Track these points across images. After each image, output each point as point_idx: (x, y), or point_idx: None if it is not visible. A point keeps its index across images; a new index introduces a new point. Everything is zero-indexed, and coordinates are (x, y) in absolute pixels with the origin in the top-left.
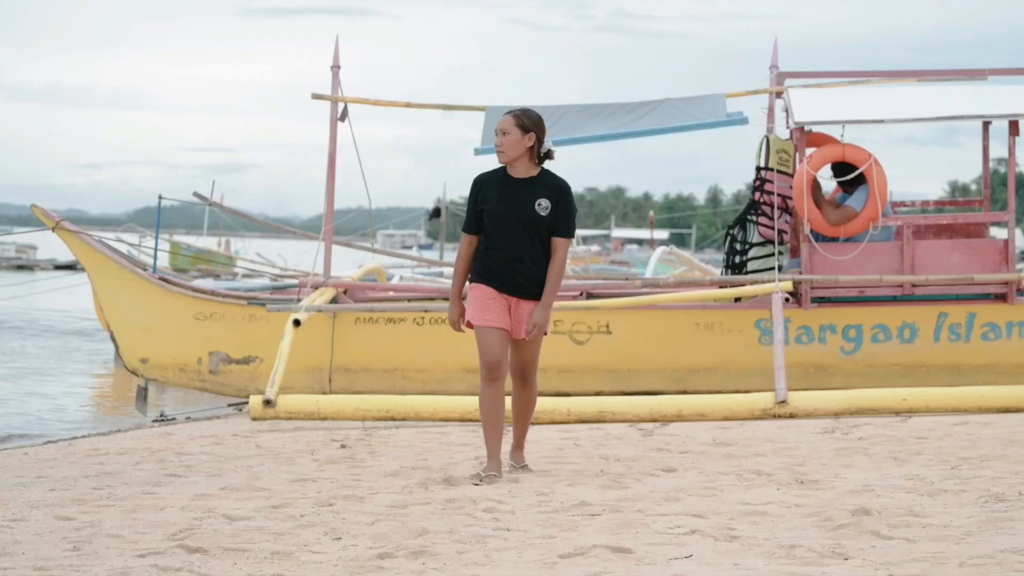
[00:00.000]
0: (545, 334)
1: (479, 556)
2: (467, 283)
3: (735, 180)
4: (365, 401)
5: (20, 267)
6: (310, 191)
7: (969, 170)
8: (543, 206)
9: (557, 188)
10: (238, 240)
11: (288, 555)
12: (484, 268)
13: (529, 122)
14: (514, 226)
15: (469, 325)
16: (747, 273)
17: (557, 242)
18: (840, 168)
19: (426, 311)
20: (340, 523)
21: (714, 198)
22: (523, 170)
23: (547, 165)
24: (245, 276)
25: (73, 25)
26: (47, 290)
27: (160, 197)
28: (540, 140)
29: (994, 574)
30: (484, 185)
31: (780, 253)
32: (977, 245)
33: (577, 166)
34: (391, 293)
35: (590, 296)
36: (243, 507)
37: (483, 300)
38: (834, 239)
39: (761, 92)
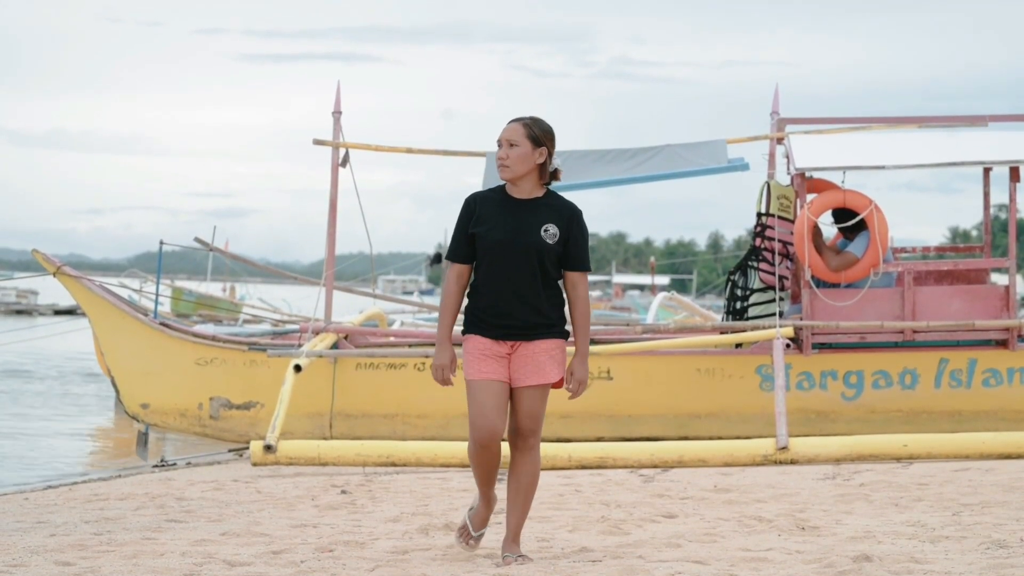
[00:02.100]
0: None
1: None
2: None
3: (736, 226)
4: (366, 447)
5: (19, 312)
6: (311, 236)
7: (970, 216)
8: (550, 232)
9: (568, 213)
10: (242, 286)
11: None
12: (478, 310)
13: (541, 133)
14: (516, 255)
15: (467, 381)
16: (748, 319)
17: (575, 277)
18: (841, 214)
19: (427, 356)
20: (340, 569)
21: (715, 244)
22: (527, 190)
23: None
24: (246, 321)
25: (74, 70)
26: (48, 335)
27: (161, 242)
28: (550, 156)
29: None
30: (479, 205)
31: (781, 299)
32: (978, 291)
33: None
34: (392, 339)
35: (591, 342)
36: (243, 553)
37: (477, 353)
38: (835, 285)
39: (762, 138)
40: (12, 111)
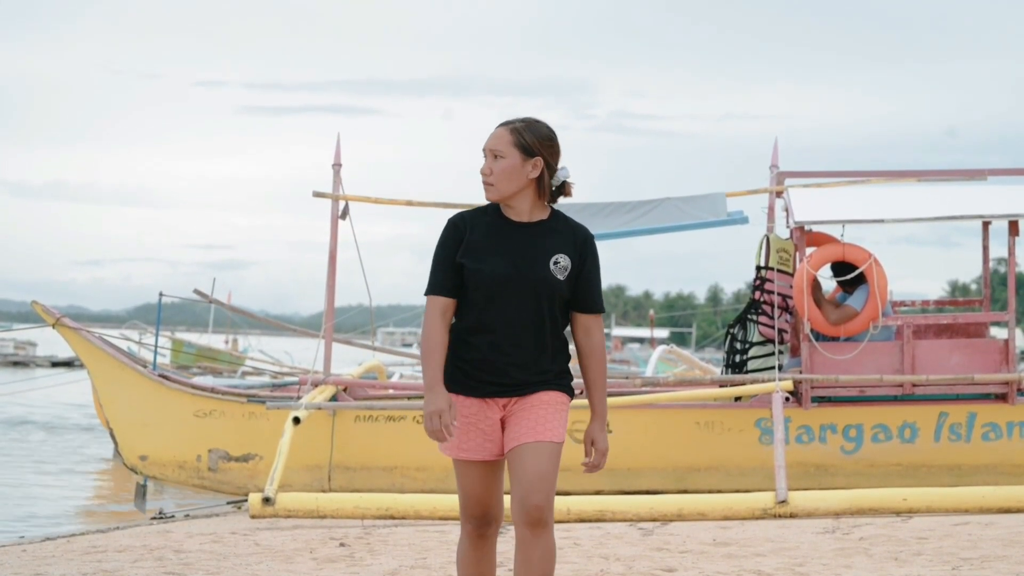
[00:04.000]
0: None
1: None
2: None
3: (735, 279)
4: (364, 499)
5: (17, 364)
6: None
7: (969, 270)
8: (561, 265)
9: (581, 241)
10: (243, 338)
11: None
12: (462, 362)
13: (533, 140)
14: (517, 294)
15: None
16: (747, 372)
17: (588, 322)
18: (840, 267)
19: (416, 408)
20: None
21: (714, 297)
22: (526, 210)
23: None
24: (246, 373)
25: (74, 121)
26: (46, 386)
27: (161, 294)
28: (551, 168)
29: None
30: (468, 228)
31: (780, 352)
32: (977, 345)
33: None
34: (391, 391)
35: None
36: None
37: (460, 420)
38: (834, 338)
39: (761, 192)
40: (11, 162)
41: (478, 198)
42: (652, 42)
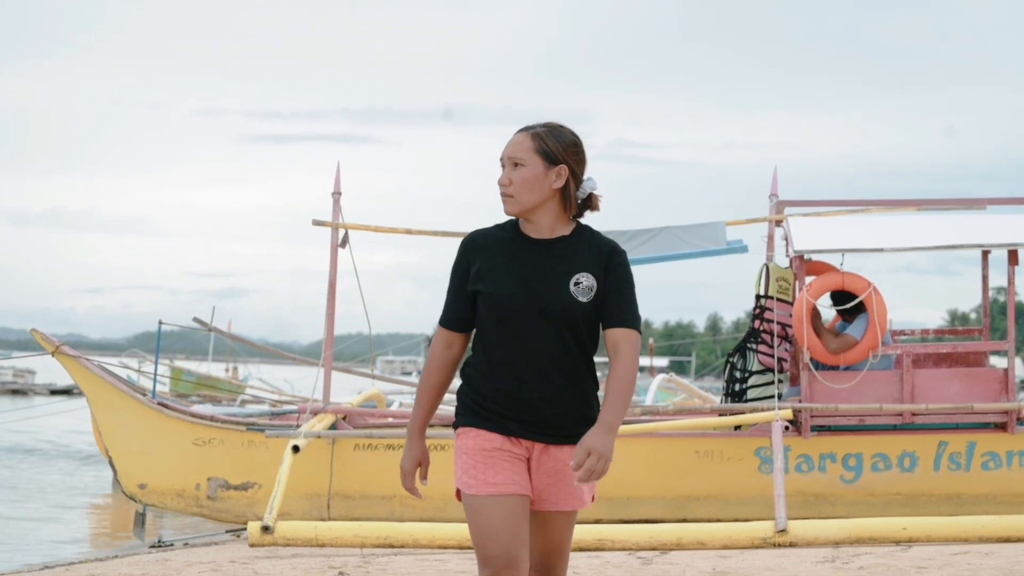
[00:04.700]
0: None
1: None
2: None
3: (735, 308)
4: (364, 528)
5: (15, 392)
6: (310, 316)
7: (968, 299)
8: (584, 286)
9: (606, 255)
10: (243, 366)
11: None
12: (479, 396)
13: (557, 146)
14: (535, 319)
15: (457, 494)
16: (747, 401)
17: (617, 336)
18: (840, 296)
19: (426, 438)
20: None
21: (714, 326)
22: (547, 226)
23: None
24: (245, 401)
25: (73, 150)
26: (45, 415)
27: (160, 322)
28: (576, 178)
29: None
30: (481, 249)
31: (780, 381)
32: (977, 374)
33: None
34: (390, 419)
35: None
36: None
37: (481, 454)
38: (834, 367)
39: (761, 220)
40: (10, 190)
41: (478, 226)
42: (651, 71)
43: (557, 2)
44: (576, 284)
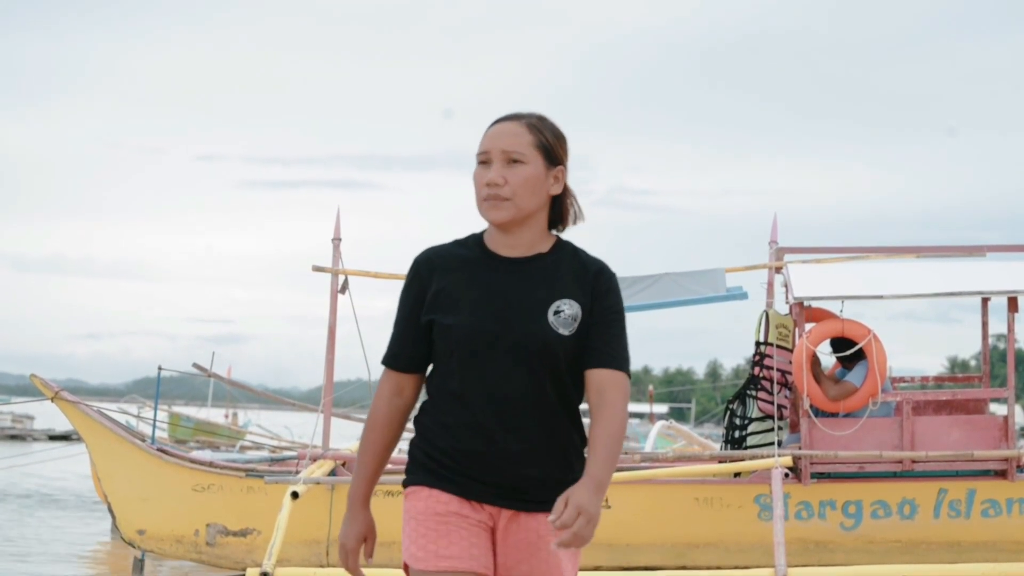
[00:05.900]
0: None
1: None
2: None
3: (734, 355)
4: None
5: (14, 437)
6: (310, 362)
7: (968, 346)
8: (566, 315)
9: (592, 277)
10: (243, 412)
11: None
12: (434, 449)
13: (555, 142)
14: (505, 357)
15: (405, 568)
16: (747, 448)
17: (604, 379)
18: (839, 343)
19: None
20: None
21: (713, 372)
22: (527, 241)
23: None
24: (244, 447)
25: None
26: (43, 460)
27: (160, 368)
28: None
29: None
30: (438, 270)
31: (779, 428)
32: (977, 421)
33: None
34: (389, 466)
35: None
36: None
37: (432, 519)
38: (834, 414)
39: (760, 267)
40: (9, 235)
41: None
42: (649, 117)
43: (556, 49)
44: (556, 313)
